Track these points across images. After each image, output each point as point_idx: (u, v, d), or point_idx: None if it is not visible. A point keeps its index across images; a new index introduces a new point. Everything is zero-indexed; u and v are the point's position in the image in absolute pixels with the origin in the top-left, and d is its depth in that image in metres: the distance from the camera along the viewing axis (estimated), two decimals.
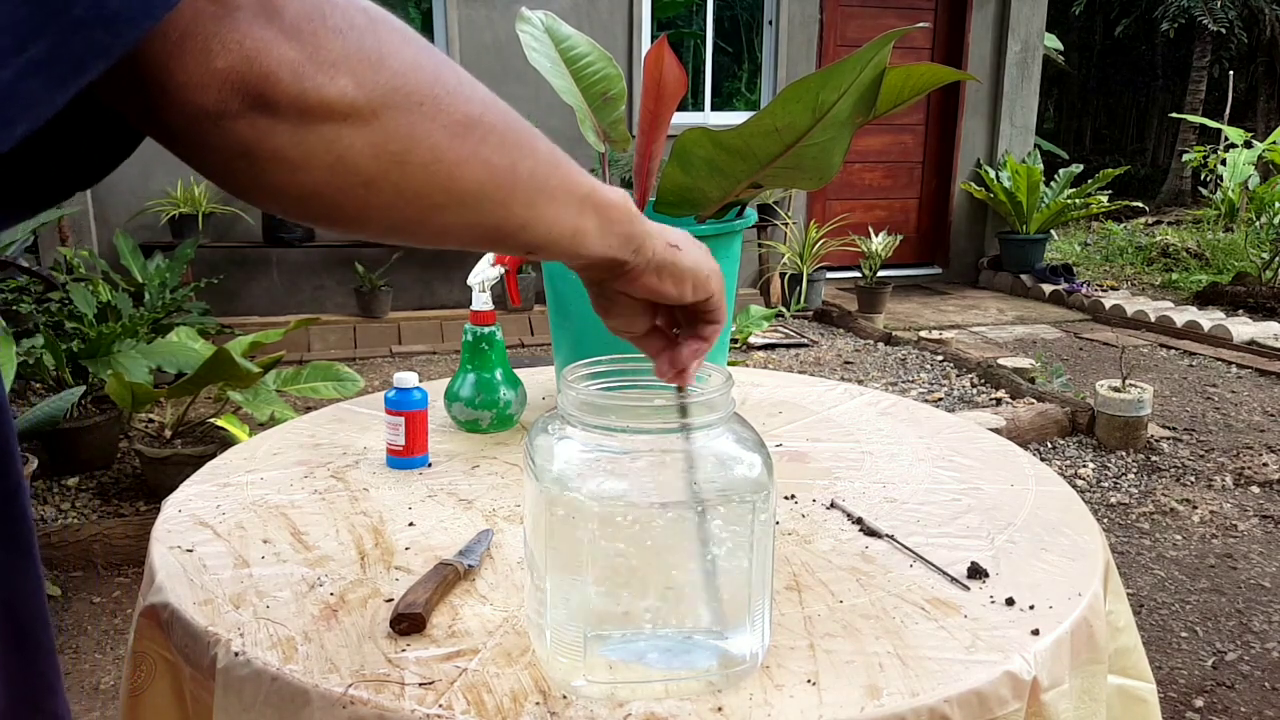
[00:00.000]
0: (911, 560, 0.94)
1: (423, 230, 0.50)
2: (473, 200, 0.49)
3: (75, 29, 0.33)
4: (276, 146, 0.41)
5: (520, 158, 0.51)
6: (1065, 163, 7.97)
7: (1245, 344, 5.13)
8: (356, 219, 0.46)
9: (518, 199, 0.51)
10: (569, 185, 0.55)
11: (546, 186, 0.53)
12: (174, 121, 0.40)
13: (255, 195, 0.44)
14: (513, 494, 1.11)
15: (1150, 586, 2.62)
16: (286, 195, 0.44)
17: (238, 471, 1.16)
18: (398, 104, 0.43)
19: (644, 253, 0.62)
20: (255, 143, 0.41)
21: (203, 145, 0.41)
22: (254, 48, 0.39)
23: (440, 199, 0.48)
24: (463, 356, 1.31)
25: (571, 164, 0.56)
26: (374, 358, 5.09)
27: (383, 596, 0.86)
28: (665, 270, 0.64)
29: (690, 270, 0.65)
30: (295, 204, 0.45)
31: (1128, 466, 3.46)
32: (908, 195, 7.17)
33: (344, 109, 0.42)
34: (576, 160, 0.56)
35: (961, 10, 6.79)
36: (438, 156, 0.46)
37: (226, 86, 0.39)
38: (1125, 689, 0.93)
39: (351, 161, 0.43)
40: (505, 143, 0.49)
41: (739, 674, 0.73)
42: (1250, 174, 7.89)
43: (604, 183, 0.59)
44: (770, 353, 5.05)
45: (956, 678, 0.73)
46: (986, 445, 1.27)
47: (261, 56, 0.39)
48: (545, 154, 0.53)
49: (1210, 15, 11.43)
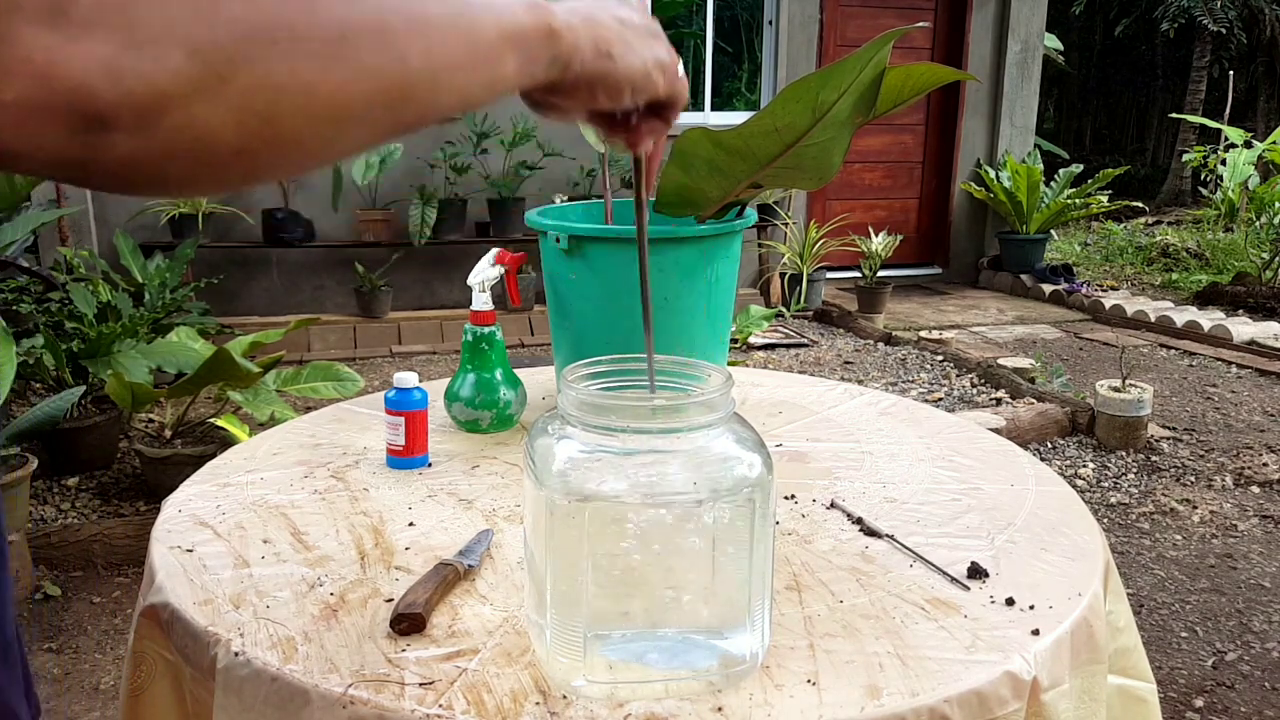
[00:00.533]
0: (911, 560, 0.94)
1: (326, 157, 0.42)
2: (366, 113, 0.41)
3: None
4: (120, 156, 0.34)
5: (409, 45, 0.42)
6: (1065, 163, 7.97)
7: (1245, 344, 5.13)
8: (249, 177, 0.39)
9: (418, 93, 0.44)
10: (474, 41, 0.47)
11: (448, 60, 0.45)
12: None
13: (129, 192, 0.38)
14: (513, 494, 1.11)
15: (1150, 586, 2.62)
16: (157, 186, 0.38)
17: (238, 471, 1.16)
18: (248, 54, 0.35)
19: (572, 67, 0.55)
20: (95, 160, 0.34)
21: (35, 171, 0.34)
22: (46, 61, 0.31)
23: (329, 130, 0.40)
24: (463, 356, 1.31)
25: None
26: (374, 358, 5.09)
27: (383, 596, 0.86)
28: (597, 83, 0.58)
29: (626, 78, 0.59)
30: (173, 189, 0.39)
31: (1128, 466, 3.46)
32: (908, 195, 7.17)
33: (184, 88, 0.34)
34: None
35: (961, 10, 6.79)
36: (311, 93, 0.38)
37: (29, 120, 0.31)
38: (1125, 689, 0.93)
39: (214, 136, 0.36)
40: (385, 37, 0.41)
41: (739, 674, 0.73)
42: (1250, 174, 7.89)
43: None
44: (770, 353, 5.05)
45: (956, 678, 0.73)
46: (986, 445, 1.27)
47: (60, 69, 0.31)
48: (438, 17, 0.44)
49: (1210, 15, 11.43)
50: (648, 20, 0.63)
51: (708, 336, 1.29)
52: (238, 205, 5.34)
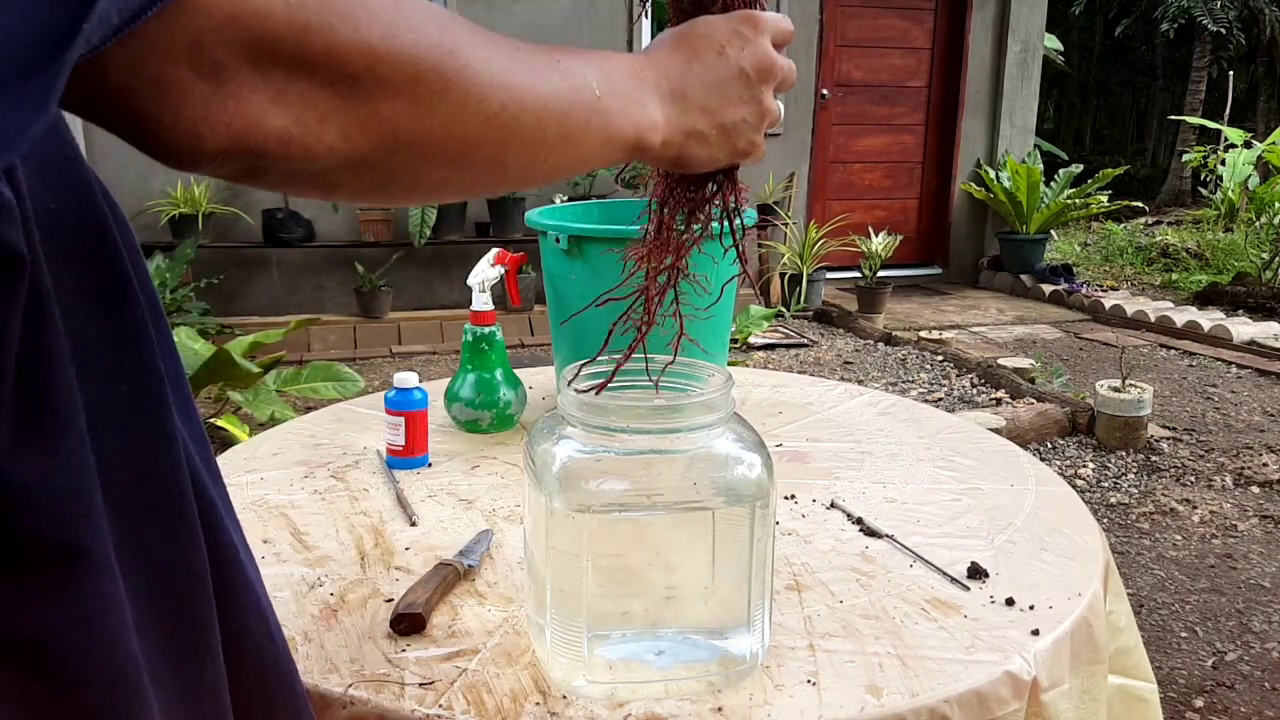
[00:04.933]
0: (911, 560, 0.94)
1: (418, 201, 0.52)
2: (460, 195, 0.51)
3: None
4: (269, 182, 0.43)
5: (518, 158, 0.50)
6: (1065, 163, 7.97)
7: (1245, 344, 5.13)
8: (360, 201, 0.49)
9: (507, 184, 0.52)
10: (574, 153, 0.53)
11: (547, 166, 0.52)
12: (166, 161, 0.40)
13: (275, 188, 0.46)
14: (513, 494, 1.11)
15: (1150, 586, 2.62)
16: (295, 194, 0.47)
17: (238, 471, 1.16)
18: (386, 148, 0.43)
19: (658, 163, 0.61)
20: (250, 179, 0.42)
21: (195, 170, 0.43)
22: (243, 128, 0.38)
23: (429, 196, 0.49)
24: (463, 356, 1.31)
25: (601, 116, 0.53)
26: (374, 358, 5.09)
27: (383, 596, 0.86)
28: (676, 164, 0.62)
29: (707, 166, 0.62)
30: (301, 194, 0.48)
31: (1128, 466, 3.46)
32: (908, 195, 7.17)
33: (329, 162, 0.42)
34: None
35: (961, 10, 6.79)
36: (438, 184, 0.48)
37: (218, 158, 0.39)
38: (1126, 689, 0.93)
39: (337, 188, 0.45)
40: (500, 155, 0.48)
41: (739, 674, 0.73)
42: (1250, 174, 7.89)
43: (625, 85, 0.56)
44: (770, 353, 5.05)
45: (956, 678, 0.73)
46: (986, 445, 1.27)
47: (251, 134, 0.39)
48: (553, 133, 0.51)
49: (1210, 15, 11.43)
50: (762, 58, 0.61)
51: (708, 337, 1.29)
52: (237, 205, 5.34)
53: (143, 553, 0.46)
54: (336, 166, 0.42)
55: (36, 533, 0.40)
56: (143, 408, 0.47)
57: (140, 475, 0.47)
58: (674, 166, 0.62)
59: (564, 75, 0.51)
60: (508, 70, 0.48)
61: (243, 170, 0.41)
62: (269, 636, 0.54)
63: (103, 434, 0.44)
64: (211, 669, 0.49)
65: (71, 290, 0.44)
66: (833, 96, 6.66)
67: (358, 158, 0.42)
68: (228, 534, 0.52)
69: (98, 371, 0.45)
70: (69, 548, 0.41)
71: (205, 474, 0.51)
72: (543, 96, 0.49)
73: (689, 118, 0.59)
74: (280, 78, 0.39)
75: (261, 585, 0.55)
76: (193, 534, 0.48)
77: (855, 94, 6.77)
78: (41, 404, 0.41)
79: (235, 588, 0.52)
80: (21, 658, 0.40)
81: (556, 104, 0.50)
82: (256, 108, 0.38)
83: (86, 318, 0.45)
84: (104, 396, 0.45)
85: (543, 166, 0.51)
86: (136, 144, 0.39)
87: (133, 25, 0.34)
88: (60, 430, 0.42)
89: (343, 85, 0.40)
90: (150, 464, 0.47)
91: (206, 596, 0.49)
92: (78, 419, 0.42)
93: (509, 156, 0.49)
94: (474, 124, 0.46)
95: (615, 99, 0.54)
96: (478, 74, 0.46)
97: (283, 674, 0.56)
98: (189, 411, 0.52)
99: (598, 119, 0.53)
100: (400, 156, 0.44)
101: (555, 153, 0.51)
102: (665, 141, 0.58)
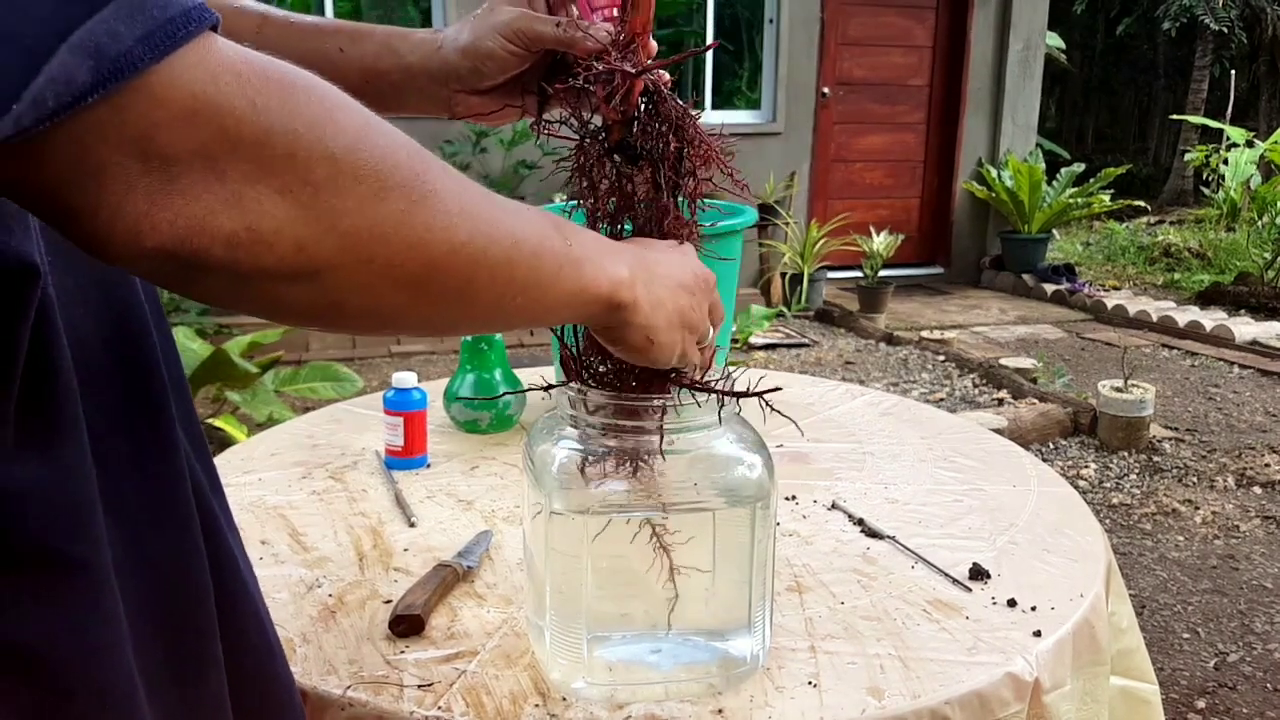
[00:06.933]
0: (913, 561, 0.93)
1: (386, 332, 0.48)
2: (419, 329, 0.49)
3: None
4: (206, 290, 0.40)
5: (487, 293, 0.47)
6: (1067, 162, 7.96)
7: (1248, 344, 5.12)
8: (314, 326, 0.46)
9: (475, 323, 0.54)
10: (542, 299, 0.51)
11: (515, 310, 0.50)
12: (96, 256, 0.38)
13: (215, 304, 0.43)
14: (512, 495, 1.10)
15: (1152, 587, 2.62)
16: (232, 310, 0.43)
17: (236, 472, 1.16)
18: (343, 263, 0.40)
19: (617, 343, 0.59)
20: (185, 285, 0.39)
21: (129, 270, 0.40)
22: (188, 228, 0.36)
23: (387, 327, 0.46)
24: (462, 357, 1.30)
25: (573, 265, 0.52)
26: (372, 358, 5.08)
27: (381, 598, 0.85)
28: (635, 335, 0.59)
29: (655, 360, 0.61)
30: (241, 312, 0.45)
31: (1130, 467, 3.46)
32: (909, 194, 7.16)
33: (276, 270, 0.39)
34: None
35: (963, 8, 6.78)
36: (395, 310, 0.44)
37: (156, 257, 0.36)
38: (1128, 690, 0.93)
39: (282, 301, 0.41)
40: (469, 287, 0.46)
41: (739, 676, 0.72)
42: (1252, 173, 7.88)
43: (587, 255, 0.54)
44: (771, 353, 5.05)
45: (958, 679, 0.73)
46: (988, 446, 1.27)
47: (197, 235, 0.36)
48: (523, 273, 0.48)
49: (1212, 14, 11.42)
50: (702, 277, 0.64)
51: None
52: None
53: (146, 563, 0.45)
54: (286, 279, 0.39)
55: (31, 540, 0.40)
56: (145, 416, 0.47)
57: (143, 485, 0.46)
58: (630, 342, 0.59)
59: (535, 220, 0.50)
60: (478, 204, 0.46)
61: (180, 274, 0.38)
62: (267, 645, 0.54)
63: (105, 443, 0.44)
64: (215, 678, 0.49)
65: (74, 298, 0.44)
66: (834, 95, 6.66)
67: (310, 270, 0.39)
68: (228, 543, 0.52)
69: (100, 380, 0.44)
70: (64, 556, 0.41)
71: (205, 482, 0.51)
72: (514, 234, 0.47)
73: (655, 287, 0.58)
74: (237, 179, 0.36)
75: (259, 593, 0.55)
76: (195, 543, 0.48)
77: (856, 92, 6.76)
78: (44, 413, 0.40)
79: (235, 597, 0.51)
80: (13, 661, 0.39)
81: (528, 244, 0.48)
82: (205, 208, 0.36)
83: (90, 325, 0.45)
84: (106, 405, 0.44)
85: (509, 306, 0.49)
86: (63, 231, 0.36)
87: (72, 110, 0.32)
88: (62, 439, 0.41)
89: (303, 193, 0.38)
90: (153, 473, 0.47)
91: (208, 606, 0.48)
92: (79, 428, 0.42)
93: (475, 291, 0.46)
94: (439, 250, 0.43)
95: (587, 250, 0.53)
96: (445, 201, 0.43)
97: (281, 682, 0.55)
98: (189, 417, 0.51)
99: (570, 267, 0.51)
100: (357, 275, 0.41)
101: (523, 295, 0.49)
102: (635, 303, 0.56)
